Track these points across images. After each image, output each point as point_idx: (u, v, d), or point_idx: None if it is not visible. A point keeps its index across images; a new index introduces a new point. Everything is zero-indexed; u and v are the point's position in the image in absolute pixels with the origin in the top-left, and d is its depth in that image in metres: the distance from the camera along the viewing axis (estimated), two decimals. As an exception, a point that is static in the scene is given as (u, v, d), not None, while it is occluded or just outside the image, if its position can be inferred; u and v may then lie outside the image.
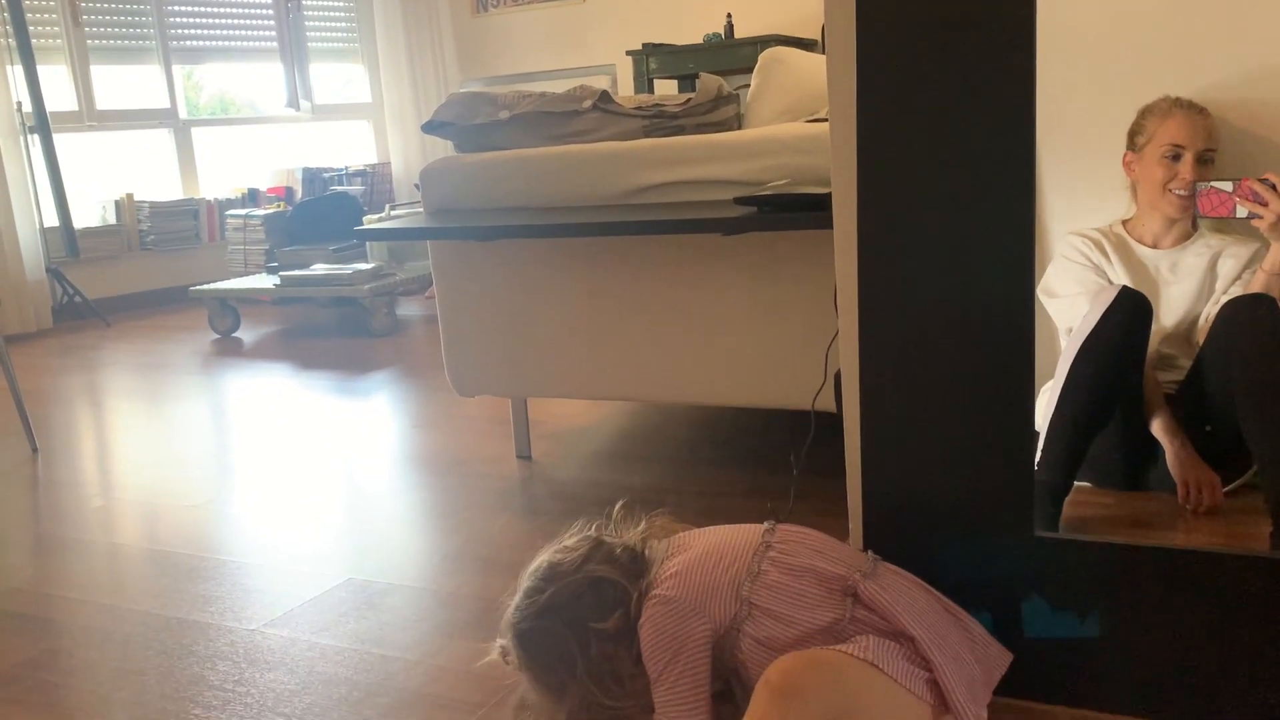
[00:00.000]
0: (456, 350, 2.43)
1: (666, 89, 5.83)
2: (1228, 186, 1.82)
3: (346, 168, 6.11)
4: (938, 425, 1.34)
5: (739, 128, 2.44)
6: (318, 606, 1.79)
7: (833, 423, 1.56)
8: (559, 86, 2.62)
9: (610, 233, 2.04)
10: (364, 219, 5.15)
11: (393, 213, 5.21)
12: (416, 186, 2.42)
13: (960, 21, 1.27)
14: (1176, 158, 1.85)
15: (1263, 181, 1.71)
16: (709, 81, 2.41)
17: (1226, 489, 1.80)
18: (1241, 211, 1.82)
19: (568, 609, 1.28)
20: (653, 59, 5.65)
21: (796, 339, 2.06)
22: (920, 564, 1.33)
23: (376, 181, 6.27)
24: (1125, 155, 1.92)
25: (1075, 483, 1.86)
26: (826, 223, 1.39)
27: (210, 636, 1.71)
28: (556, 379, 2.35)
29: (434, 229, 2.22)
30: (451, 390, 2.49)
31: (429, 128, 2.43)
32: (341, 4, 6.57)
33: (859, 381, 1.37)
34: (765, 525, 1.34)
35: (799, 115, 2.53)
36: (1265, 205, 1.72)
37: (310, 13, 6.33)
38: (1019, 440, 1.31)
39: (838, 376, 1.43)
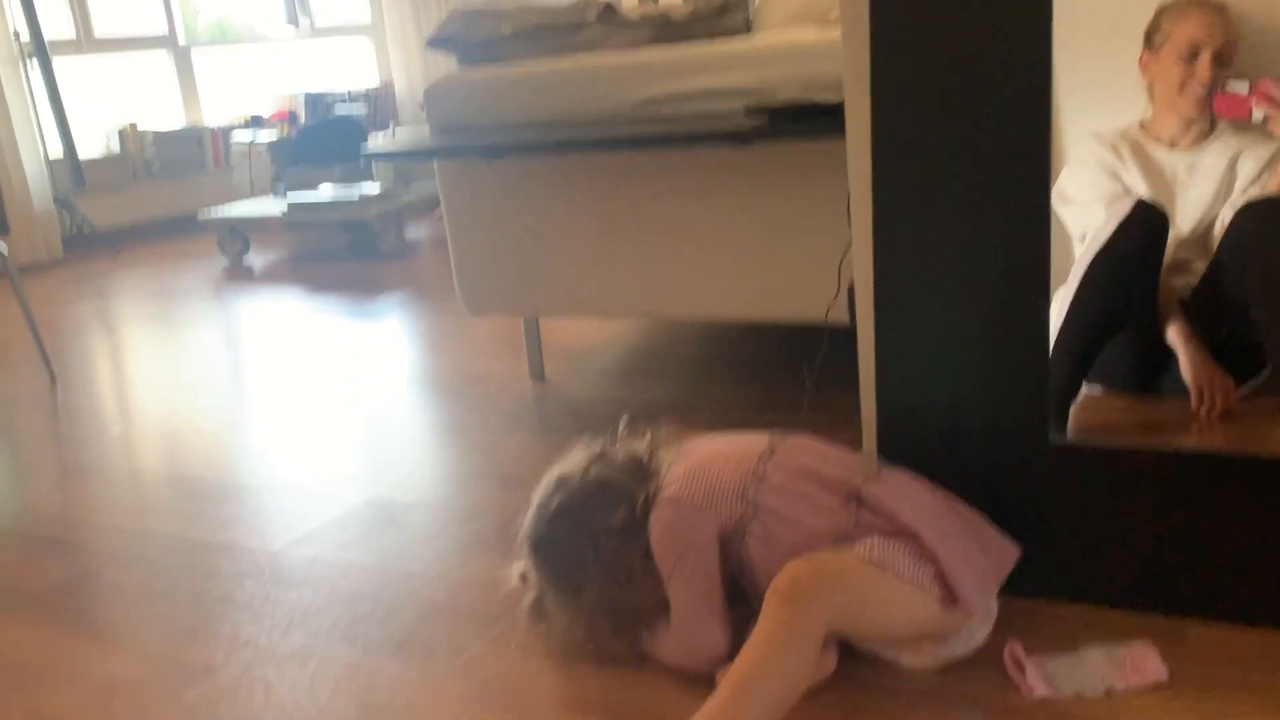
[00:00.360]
0: (467, 270, 2.42)
1: (672, -1, 5.70)
2: (1244, 88, 1.79)
3: (349, 91, 6.04)
4: (953, 333, 1.33)
5: (749, 34, 2.39)
6: (339, 525, 1.82)
7: (845, 335, 1.56)
8: (562, -2, 2.57)
9: (618, 147, 2.02)
10: (368, 141, 5.10)
11: (397, 133, 5.16)
12: (421, 106, 2.39)
13: (974, -82, 1.23)
14: (1194, 57, 1.81)
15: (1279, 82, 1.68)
16: (716, -13, 2.36)
17: (1239, 392, 1.80)
18: (1258, 115, 1.79)
19: (576, 512, 1.33)
20: (657, -33, 5.51)
21: (809, 251, 2.05)
22: (934, 471, 1.34)
23: (379, 103, 6.20)
24: (1142, 55, 1.88)
25: (1085, 388, 1.87)
26: (839, 131, 1.37)
27: (235, 557, 1.74)
28: (568, 297, 2.34)
29: (440, 148, 2.21)
30: (463, 311, 2.49)
31: (433, 43, 2.39)
32: (337, -81, 6.42)
33: (873, 291, 1.36)
34: (771, 433, 1.36)
35: (811, 19, 2.48)
36: (1282, 107, 1.69)
37: (306, -71, 6.19)
38: (1034, 348, 1.31)
39: (851, 288, 1.42)
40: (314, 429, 2.34)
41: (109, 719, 1.31)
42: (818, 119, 1.80)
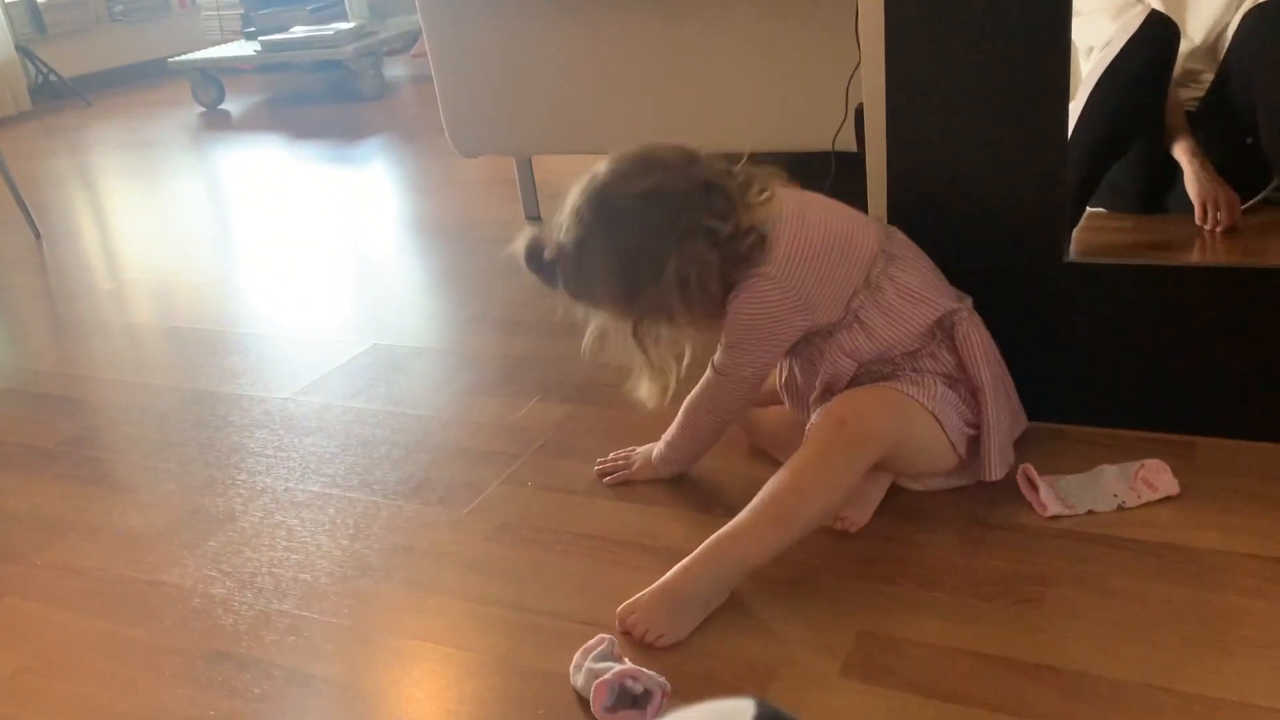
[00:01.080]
0: (455, 109, 2.34)
1: None
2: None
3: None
4: (967, 148, 1.30)
5: None
6: (346, 373, 1.81)
7: (853, 162, 1.52)
8: None
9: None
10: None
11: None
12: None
13: None
14: None
15: None
16: None
17: (1245, 206, 1.78)
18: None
19: (679, 199, 1.16)
20: None
21: (812, 74, 1.98)
22: (947, 297, 1.33)
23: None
24: None
25: (1089, 208, 1.84)
26: (846, -57, 1.31)
27: (244, 407, 1.74)
28: (562, 134, 2.28)
29: (421, -22, 2.10)
30: (451, 153, 2.42)
31: None
32: None
33: (885, 109, 1.32)
34: (883, 228, 1.27)
35: None
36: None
37: None
38: (1052, 163, 1.28)
39: (859, 111, 1.37)
40: (308, 278, 2.31)
41: (134, 567, 1.33)
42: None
